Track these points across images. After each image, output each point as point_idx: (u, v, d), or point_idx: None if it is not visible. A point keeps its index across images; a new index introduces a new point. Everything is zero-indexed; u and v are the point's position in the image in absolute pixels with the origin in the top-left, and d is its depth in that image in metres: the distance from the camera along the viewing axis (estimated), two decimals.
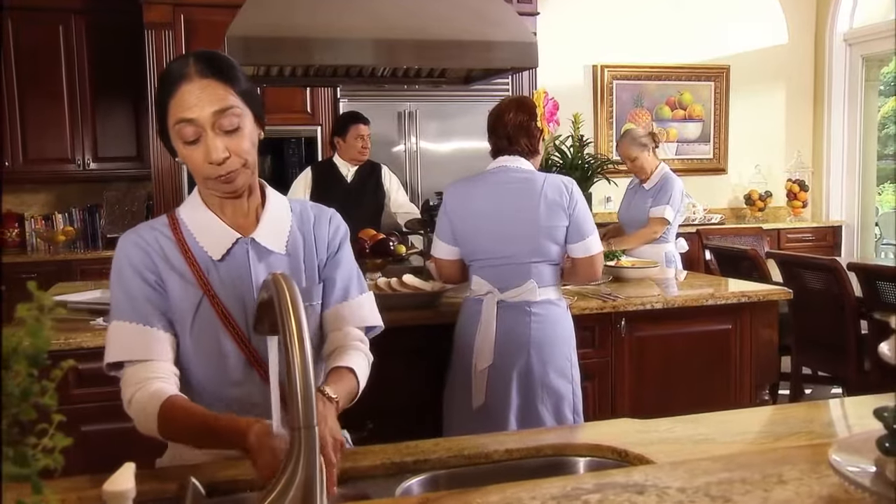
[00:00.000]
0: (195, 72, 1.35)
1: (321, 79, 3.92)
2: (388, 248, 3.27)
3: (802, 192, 6.93)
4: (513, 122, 2.64)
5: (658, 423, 1.60)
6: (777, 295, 3.21)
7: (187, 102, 1.34)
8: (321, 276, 1.53)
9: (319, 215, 1.56)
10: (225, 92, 1.36)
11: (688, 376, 3.09)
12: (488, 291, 2.61)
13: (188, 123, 1.34)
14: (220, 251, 1.43)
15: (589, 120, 6.40)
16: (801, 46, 7.07)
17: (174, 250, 1.42)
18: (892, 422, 0.81)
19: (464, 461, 1.42)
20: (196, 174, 1.40)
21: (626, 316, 2.97)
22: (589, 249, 2.59)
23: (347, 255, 1.58)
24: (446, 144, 5.43)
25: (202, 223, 1.44)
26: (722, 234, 5.59)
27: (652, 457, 1.40)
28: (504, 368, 2.57)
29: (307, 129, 5.35)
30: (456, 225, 2.65)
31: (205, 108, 1.34)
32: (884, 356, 0.80)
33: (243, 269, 1.43)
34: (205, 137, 1.35)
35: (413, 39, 3.24)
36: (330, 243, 1.55)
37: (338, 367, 1.45)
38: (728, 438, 1.51)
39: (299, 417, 0.89)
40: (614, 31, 6.49)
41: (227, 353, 1.40)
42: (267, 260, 1.46)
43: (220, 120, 1.34)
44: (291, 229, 1.50)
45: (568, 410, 2.60)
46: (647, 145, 4.07)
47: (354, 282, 1.57)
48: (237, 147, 1.37)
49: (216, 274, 1.42)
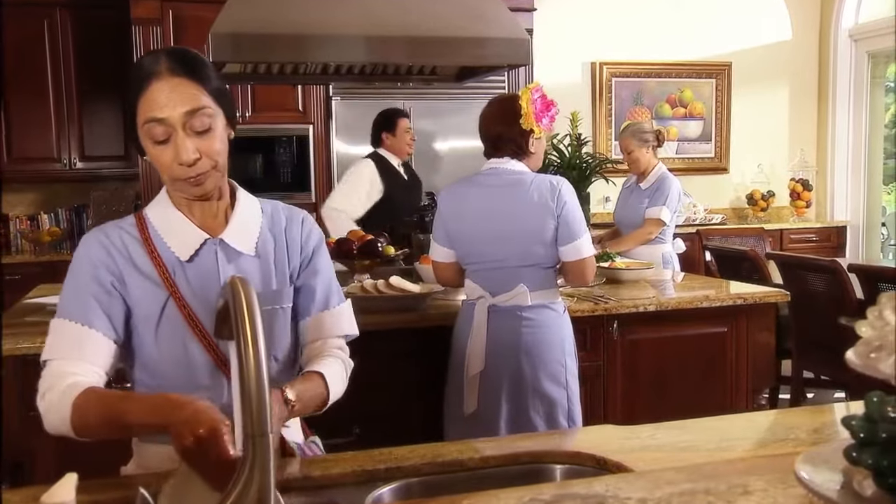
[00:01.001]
0: (166, 69, 1.35)
1: (311, 76, 3.91)
2: (377, 249, 3.26)
3: (806, 191, 6.92)
4: (493, 131, 2.63)
5: (641, 430, 1.60)
6: (774, 297, 3.20)
7: (158, 101, 1.33)
8: (296, 282, 1.54)
9: (291, 217, 1.56)
10: (197, 91, 1.36)
11: (682, 381, 3.08)
12: (480, 296, 2.61)
13: (158, 123, 1.34)
14: (188, 252, 1.42)
15: (587, 118, 6.40)
16: (805, 42, 7.06)
17: (140, 250, 1.42)
18: (859, 431, 0.81)
19: (438, 469, 1.42)
20: (164, 174, 1.40)
21: (618, 318, 2.96)
22: (579, 252, 2.57)
23: (325, 261, 1.58)
24: (440, 143, 5.42)
25: (170, 223, 1.44)
26: (722, 235, 5.58)
27: (631, 465, 1.39)
28: (495, 374, 2.57)
29: (299, 127, 5.35)
30: (450, 227, 2.65)
31: (176, 108, 1.33)
32: (850, 363, 0.80)
33: (211, 270, 1.43)
34: (175, 137, 1.34)
35: (403, 36, 3.24)
36: (303, 247, 1.55)
37: (308, 371, 1.45)
38: (712, 446, 1.50)
39: (252, 425, 0.89)
40: (613, 27, 6.49)
41: (194, 356, 1.40)
42: (236, 261, 1.45)
43: (191, 120, 1.34)
44: (262, 230, 1.50)
45: (562, 417, 2.58)
46: (648, 142, 4.06)
47: (334, 290, 1.58)
48: (208, 148, 1.37)
49: (183, 275, 1.42)
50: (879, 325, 0.79)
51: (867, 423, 0.82)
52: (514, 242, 2.56)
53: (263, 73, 3.70)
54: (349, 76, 3.87)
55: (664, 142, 4.16)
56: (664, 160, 6.72)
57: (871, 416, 0.83)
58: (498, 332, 2.57)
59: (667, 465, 1.41)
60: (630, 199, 4.11)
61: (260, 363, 0.91)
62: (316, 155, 5.37)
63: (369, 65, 3.61)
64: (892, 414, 0.81)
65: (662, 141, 4.11)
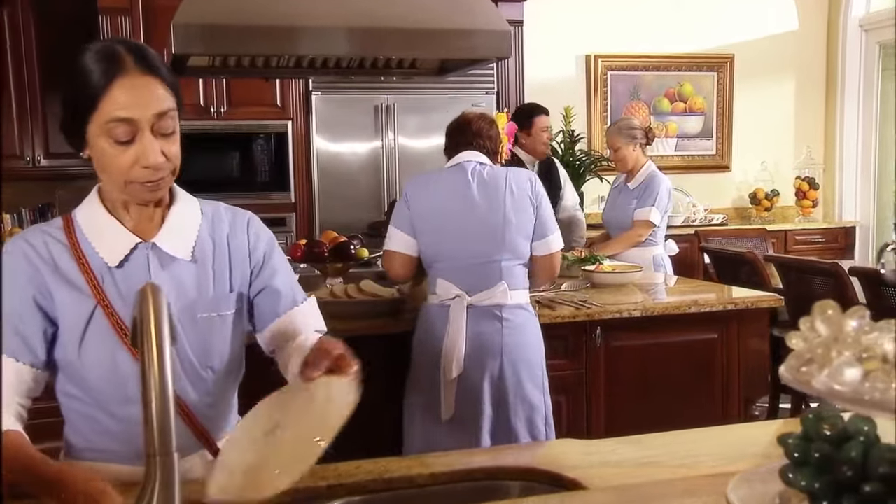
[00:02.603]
0: (133, 65, 1.32)
1: (284, 70, 3.90)
2: (349, 252, 3.26)
3: (812, 190, 6.91)
4: (475, 123, 2.76)
5: (602, 445, 1.60)
6: (767, 302, 3.20)
7: (125, 100, 1.30)
8: (251, 289, 1.53)
9: (235, 221, 1.54)
10: (164, 91, 1.34)
11: (670, 390, 3.07)
12: (456, 295, 2.61)
13: (124, 123, 1.31)
14: (117, 257, 1.41)
15: (581, 114, 6.38)
16: (812, 33, 7.05)
17: (66, 256, 1.40)
18: (793, 450, 0.80)
19: (384, 486, 1.41)
20: (115, 176, 1.36)
21: (601, 324, 2.96)
22: (550, 247, 2.67)
23: (281, 260, 1.58)
24: (426, 140, 5.40)
25: (99, 226, 1.42)
26: (723, 236, 5.57)
27: (587, 481, 1.39)
28: (475, 378, 2.58)
29: (277, 123, 5.33)
30: (416, 219, 2.67)
31: (147, 109, 1.32)
32: (783, 378, 0.79)
33: (143, 276, 1.41)
34: (140, 138, 1.32)
35: (378, 27, 3.22)
36: (252, 253, 1.54)
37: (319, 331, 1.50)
38: (675, 462, 1.50)
39: (155, 443, 0.88)
40: (609, 18, 6.47)
41: (123, 367, 1.39)
42: (170, 267, 1.44)
43: (159, 122, 1.33)
44: (200, 234, 1.48)
45: (541, 422, 2.63)
46: (636, 139, 4.05)
47: (297, 287, 1.59)
48: (172, 152, 1.36)
49: (112, 282, 1.40)
50: (812, 336, 0.78)
51: (803, 441, 0.81)
52: (492, 235, 2.60)
53: (234, 66, 3.69)
54: (324, 70, 3.85)
55: (654, 139, 4.15)
56: (663, 158, 6.80)
57: (808, 434, 0.82)
58: (476, 333, 2.59)
59: (624, 481, 1.40)
60: (618, 199, 4.10)
61: (165, 379, 0.90)
62: (295, 152, 5.35)
63: (345, 58, 3.60)
64: (828, 432, 0.80)
65: (652, 139, 4.10)
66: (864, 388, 0.73)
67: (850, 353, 0.74)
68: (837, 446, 0.78)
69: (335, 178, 5.38)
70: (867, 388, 0.73)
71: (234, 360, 1.53)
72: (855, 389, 0.73)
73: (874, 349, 0.73)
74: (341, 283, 3.17)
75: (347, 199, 5.36)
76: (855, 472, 0.75)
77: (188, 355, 1.44)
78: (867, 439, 0.77)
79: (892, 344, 0.73)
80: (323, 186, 5.36)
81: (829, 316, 0.77)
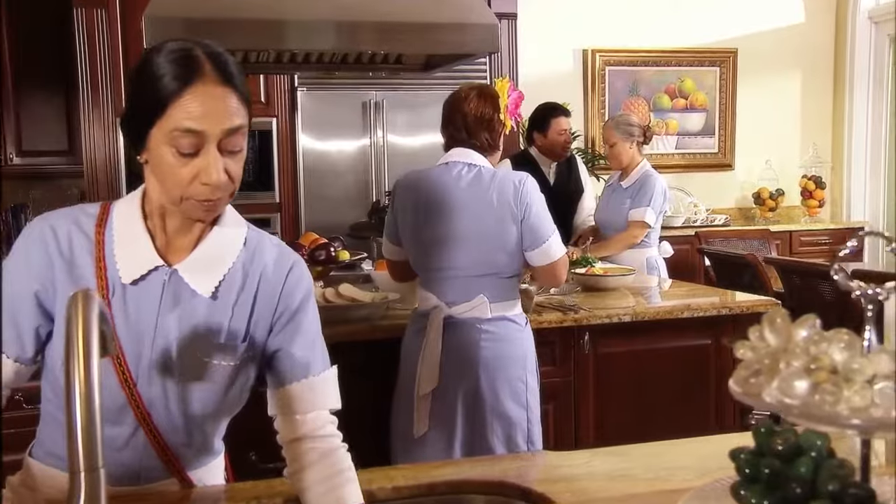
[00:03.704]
0: (211, 72, 1.25)
1: (266, 65, 3.89)
2: (330, 255, 3.24)
3: (819, 189, 6.89)
4: (473, 113, 2.61)
5: (576, 457, 1.59)
6: (763, 306, 3.18)
7: (197, 110, 1.24)
8: (269, 342, 1.43)
9: (279, 259, 1.44)
10: (239, 106, 1.28)
11: (661, 398, 3.06)
12: (435, 306, 2.59)
13: (191, 134, 1.24)
14: (132, 275, 1.35)
15: (578, 110, 6.37)
16: (819, 25, 7.03)
17: (86, 253, 1.35)
18: (744, 466, 0.79)
19: None
20: (171, 188, 1.29)
21: (589, 330, 2.95)
22: (549, 255, 2.56)
23: (310, 318, 1.46)
24: (416, 138, 5.40)
25: (128, 234, 1.36)
26: (724, 238, 5.56)
27: (556, 496, 1.38)
28: (449, 393, 2.55)
29: (262, 120, 5.31)
30: (399, 223, 2.65)
31: (218, 123, 1.25)
32: (732, 391, 0.78)
33: (153, 303, 1.36)
34: (206, 153, 1.25)
35: (358, 21, 3.22)
36: (282, 299, 1.43)
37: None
38: (651, 474, 1.49)
39: (79, 459, 0.87)
40: (607, 11, 6.46)
41: (105, 389, 1.35)
42: (185, 301, 1.37)
43: (228, 138, 1.26)
44: (231, 269, 1.39)
45: (521, 440, 2.58)
46: (633, 136, 4.04)
47: (319, 353, 1.46)
48: (236, 171, 1.30)
49: (121, 299, 1.35)
50: (761, 346, 0.77)
51: (754, 457, 0.80)
52: (471, 248, 2.54)
53: None
54: (306, 65, 3.84)
55: (651, 139, 4.14)
56: (664, 156, 6.80)
57: (761, 448, 0.81)
58: (454, 346, 2.55)
59: (595, 496, 1.40)
60: (612, 199, 4.09)
61: (91, 392, 0.89)
62: (280, 150, 5.34)
63: (327, 53, 3.59)
64: (780, 447, 0.79)
65: (650, 138, 4.09)
66: (814, 401, 0.72)
67: (798, 363, 0.73)
68: (788, 462, 0.77)
69: (322, 178, 5.37)
70: (816, 401, 0.72)
71: (224, 410, 1.46)
72: (805, 402, 0.72)
73: (823, 359, 0.72)
74: (321, 286, 3.16)
75: (335, 200, 5.34)
76: (804, 489, 0.74)
77: (171, 392, 1.38)
78: (819, 454, 0.76)
79: (842, 353, 0.72)
80: (309, 186, 5.35)
81: (777, 325, 0.76)
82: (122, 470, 1.40)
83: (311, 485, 1.37)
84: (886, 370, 0.71)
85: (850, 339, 0.75)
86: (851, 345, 0.74)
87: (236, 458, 1.71)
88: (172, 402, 1.38)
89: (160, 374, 1.36)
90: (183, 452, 1.44)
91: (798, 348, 0.75)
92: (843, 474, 0.74)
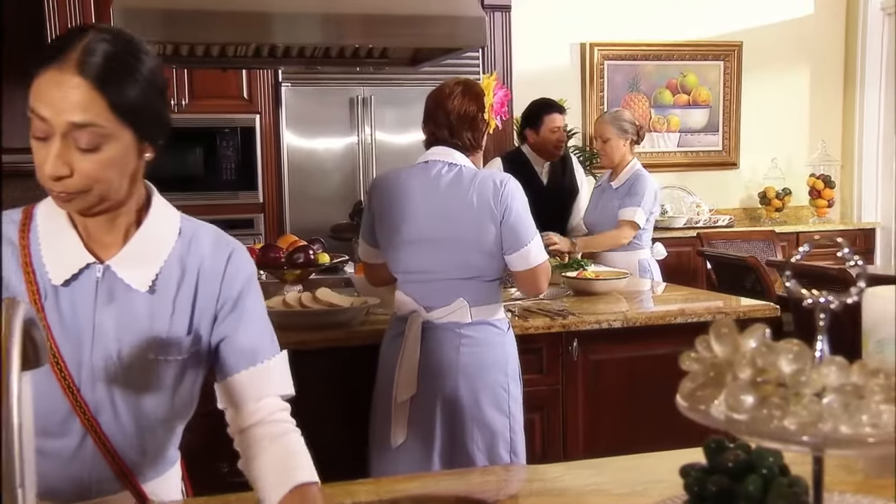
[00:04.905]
0: (74, 61, 1.25)
1: (245, 60, 3.88)
2: (309, 258, 3.23)
3: (828, 189, 6.87)
4: (457, 111, 2.61)
5: (550, 470, 1.58)
6: (762, 311, 3.18)
7: (48, 95, 1.25)
8: (212, 332, 1.44)
9: (216, 248, 1.45)
10: (95, 103, 1.26)
11: (654, 407, 3.01)
12: (413, 310, 2.58)
13: (38, 119, 1.25)
14: (63, 275, 1.34)
15: (576, 106, 6.35)
16: (829, 17, 7.02)
17: (12, 261, 1.34)
18: (693, 484, 0.78)
19: None
20: (37, 172, 1.30)
21: (578, 336, 2.94)
22: (529, 261, 2.56)
23: (253, 305, 1.47)
24: (405, 135, 5.39)
25: (53, 234, 1.36)
26: (727, 239, 5.55)
27: None
28: (427, 400, 2.55)
29: (244, 117, 5.32)
30: (376, 224, 2.65)
31: (63, 114, 1.25)
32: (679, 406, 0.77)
33: (88, 303, 1.35)
34: (52, 143, 1.26)
35: (341, 13, 3.22)
36: (224, 289, 1.44)
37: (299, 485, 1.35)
38: (625, 489, 1.48)
39: None
40: (605, 2, 6.45)
41: (48, 398, 1.33)
42: (122, 298, 1.36)
43: (76, 132, 1.26)
44: (168, 260, 1.40)
45: (504, 450, 2.57)
46: (627, 133, 4.03)
47: (267, 340, 1.48)
48: (87, 169, 1.27)
49: (55, 302, 1.34)
50: (708, 357, 0.76)
51: (704, 474, 0.79)
52: (449, 251, 2.54)
53: (187, 55, 3.66)
54: (287, 59, 3.84)
55: (643, 138, 4.13)
56: (665, 154, 6.79)
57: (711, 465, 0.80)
58: (433, 351, 2.55)
59: None
60: (602, 199, 4.08)
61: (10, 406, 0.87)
62: (264, 148, 5.34)
63: (308, 46, 3.58)
64: (731, 464, 0.78)
65: (642, 137, 4.09)
66: (761, 416, 0.71)
67: (745, 375, 0.72)
68: (738, 479, 0.76)
69: (307, 176, 5.37)
70: (764, 416, 0.70)
71: (176, 414, 1.46)
72: (752, 417, 0.71)
73: (770, 371, 0.71)
74: (300, 290, 3.15)
75: (320, 199, 5.34)
76: None
77: (117, 395, 1.37)
78: (770, 472, 0.75)
79: (790, 365, 0.71)
80: (294, 185, 5.35)
81: (724, 334, 0.75)
82: (72, 484, 1.39)
83: (265, 471, 1.38)
84: (836, 383, 0.70)
85: (800, 350, 0.74)
86: (801, 356, 0.73)
87: (206, 470, 1.71)
88: (120, 406, 1.38)
89: (104, 376, 1.36)
90: (135, 461, 1.43)
91: (745, 360, 0.73)
92: (794, 493, 0.73)
